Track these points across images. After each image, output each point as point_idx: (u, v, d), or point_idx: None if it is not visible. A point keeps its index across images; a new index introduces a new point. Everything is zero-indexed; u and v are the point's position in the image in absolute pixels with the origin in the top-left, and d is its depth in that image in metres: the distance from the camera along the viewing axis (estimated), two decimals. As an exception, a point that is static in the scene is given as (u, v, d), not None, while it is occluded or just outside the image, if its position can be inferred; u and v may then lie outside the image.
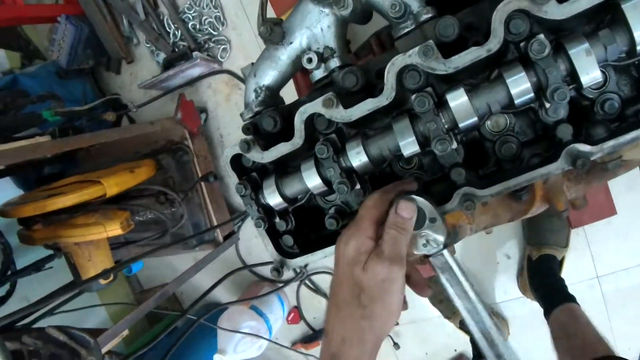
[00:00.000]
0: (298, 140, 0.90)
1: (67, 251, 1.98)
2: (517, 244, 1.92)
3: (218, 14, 2.13)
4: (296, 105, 1.03)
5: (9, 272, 1.98)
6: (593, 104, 0.83)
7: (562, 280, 1.70)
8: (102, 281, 1.94)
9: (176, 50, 2.21)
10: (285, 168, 1.00)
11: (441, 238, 0.79)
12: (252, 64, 1.08)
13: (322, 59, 0.94)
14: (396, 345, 2.26)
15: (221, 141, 2.37)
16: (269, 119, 0.97)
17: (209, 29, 2.16)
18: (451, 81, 0.81)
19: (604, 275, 1.83)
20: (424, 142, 0.80)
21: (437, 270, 0.81)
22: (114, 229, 1.76)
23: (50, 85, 2.26)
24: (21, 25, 2.52)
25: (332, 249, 0.96)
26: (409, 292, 0.83)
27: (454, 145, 0.80)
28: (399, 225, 0.76)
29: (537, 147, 0.85)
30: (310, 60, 0.93)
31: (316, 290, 2.37)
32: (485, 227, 1.08)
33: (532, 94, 0.74)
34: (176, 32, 2.21)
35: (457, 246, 2.01)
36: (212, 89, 2.29)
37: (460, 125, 0.78)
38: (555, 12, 0.71)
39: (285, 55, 0.99)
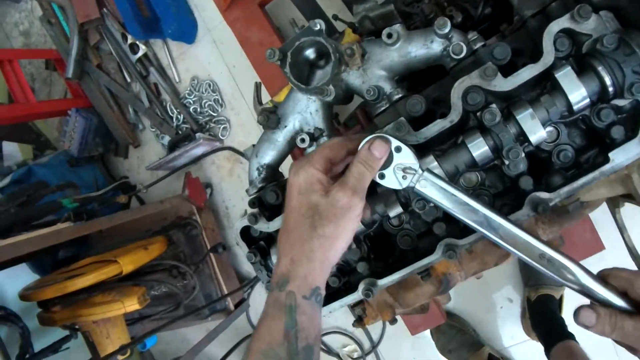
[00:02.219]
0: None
1: (85, 330, 2.05)
2: (517, 286, 2.00)
3: (217, 97, 2.33)
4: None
5: (27, 355, 2.06)
6: (550, 155, 0.96)
7: (561, 319, 1.77)
8: (120, 357, 2.00)
9: (180, 132, 2.39)
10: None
11: (415, 161, 0.81)
12: (253, 145, 1.23)
13: (314, 138, 1.08)
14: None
15: (227, 213, 2.50)
16: (272, 193, 1.10)
17: (209, 111, 2.35)
18: (424, 149, 0.95)
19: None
20: (405, 202, 0.93)
21: (430, 197, 0.81)
22: (132, 305, 1.85)
23: (63, 174, 2.42)
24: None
25: (336, 304, 1.06)
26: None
27: (432, 203, 0.92)
28: (368, 162, 0.78)
29: (506, 197, 0.98)
30: (303, 141, 1.08)
31: (329, 351, 2.41)
32: (474, 273, 1.18)
33: (490, 155, 0.87)
34: (179, 116, 2.40)
35: (461, 297, 2.10)
36: (215, 165, 2.45)
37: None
38: (502, 85, 0.86)
39: (281, 137, 1.14)
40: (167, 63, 2.41)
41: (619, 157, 0.83)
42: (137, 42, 2.35)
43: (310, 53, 1.09)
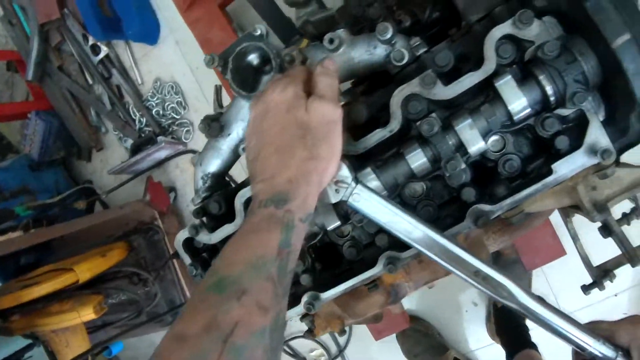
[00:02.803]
0: (239, 220, 0.99)
1: (44, 339, 2.00)
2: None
3: (179, 99, 2.27)
4: (237, 189, 1.13)
5: (-11, 363, 2.00)
6: (497, 164, 0.93)
7: (526, 327, 1.76)
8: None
9: (142, 135, 2.33)
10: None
11: (347, 174, 0.79)
12: (199, 153, 1.19)
13: (256, 146, 1.05)
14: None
15: (192, 217, 2.45)
16: (215, 204, 1.06)
17: (172, 113, 2.30)
18: (365, 158, 0.92)
19: (570, 313, 1.89)
20: (345, 214, 0.90)
21: (362, 210, 0.80)
22: (88, 314, 1.81)
23: (24, 178, 2.35)
24: (-6, 123, 2.65)
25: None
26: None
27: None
28: (329, 73, 0.79)
29: (452, 207, 0.95)
30: (245, 149, 1.04)
31: (295, 355, 2.38)
32: (426, 282, 1.15)
33: (429, 167, 0.84)
34: (141, 119, 2.34)
35: (426, 300, 2.08)
36: (179, 169, 2.40)
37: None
38: (443, 93, 0.83)
39: (225, 145, 1.10)
40: (130, 64, 2.35)
41: (563, 168, 0.80)
42: (99, 43, 2.28)
43: (253, 58, 1.05)
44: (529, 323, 1.85)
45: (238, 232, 0.69)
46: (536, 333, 1.89)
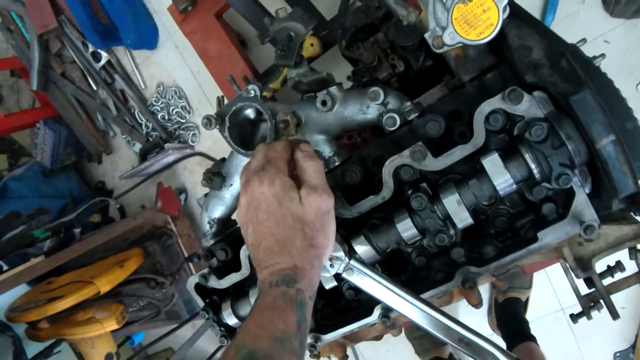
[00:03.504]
0: (245, 270, 1.06)
1: (71, 342, 2.14)
2: (484, 285, 2.05)
3: (183, 103, 2.29)
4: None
5: (21, 363, 2.15)
6: (488, 218, 0.97)
7: (525, 321, 1.84)
8: (108, 363, 2.10)
9: (150, 139, 2.37)
10: (242, 289, 1.15)
11: (340, 252, 0.86)
12: (205, 195, 1.24)
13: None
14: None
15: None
16: (221, 252, 1.13)
17: (177, 117, 2.32)
18: (358, 221, 0.96)
19: (569, 307, 1.96)
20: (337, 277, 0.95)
21: (355, 284, 0.87)
22: (111, 325, 1.93)
23: (38, 186, 2.42)
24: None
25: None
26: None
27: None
28: (311, 156, 0.83)
29: (443, 259, 0.99)
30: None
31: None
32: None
33: (418, 235, 0.89)
34: (148, 124, 2.37)
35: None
36: (188, 171, 2.45)
37: (365, 259, 0.93)
38: (433, 165, 0.86)
39: (229, 194, 1.15)
40: (132, 69, 2.36)
41: (548, 237, 0.83)
42: (99, 50, 2.28)
43: (250, 113, 1.08)
44: (529, 316, 1.93)
45: (256, 309, 0.74)
46: (535, 326, 1.97)
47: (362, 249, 0.92)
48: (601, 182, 0.79)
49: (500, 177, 0.81)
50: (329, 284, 0.96)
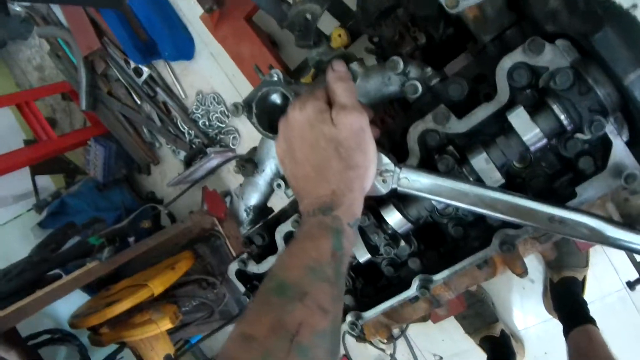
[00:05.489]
0: (280, 251, 1.07)
1: (131, 345, 2.23)
2: (539, 266, 1.98)
3: (222, 108, 2.37)
4: (278, 217, 1.20)
5: (87, 370, 2.27)
6: (524, 181, 0.93)
7: (583, 303, 1.75)
8: (167, 366, 2.17)
9: (193, 146, 2.46)
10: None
11: (387, 161, 0.80)
12: (240, 185, 1.27)
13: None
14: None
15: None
16: (258, 237, 1.15)
17: (217, 122, 2.40)
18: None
19: (631, 286, 1.85)
20: (375, 245, 0.95)
21: (415, 192, 0.81)
22: (166, 324, 2.00)
23: (94, 200, 2.56)
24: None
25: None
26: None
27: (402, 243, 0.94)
28: (341, 76, 0.81)
29: (480, 227, 0.97)
30: (279, 186, 1.10)
31: (359, 337, 2.48)
32: (467, 287, 1.18)
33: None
34: (190, 132, 2.46)
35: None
36: (231, 173, 2.51)
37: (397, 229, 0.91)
38: (457, 127, 0.85)
39: (262, 180, 1.17)
40: (172, 81, 2.46)
41: (587, 192, 0.79)
42: (140, 66, 2.40)
43: (276, 98, 1.09)
44: (589, 297, 1.83)
45: (293, 240, 0.72)
46: (598, 307, 1.87)
47: (392, 218, 0.91)
48: (639, 127, 0.75)
49: (529, 131, 0.79)
50: (364, 257, 0.95)
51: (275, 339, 0.57)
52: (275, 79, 1.04)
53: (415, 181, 0.81)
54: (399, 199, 0.94)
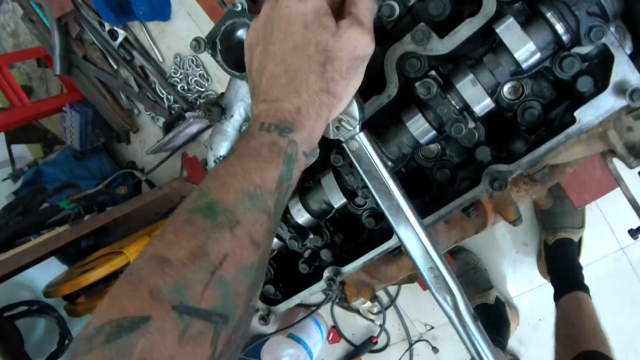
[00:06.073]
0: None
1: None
2: (532, 229, 1.90)
3: (201, 71, 2.25)
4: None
5: (67, 342, 2.21)
6: (516, 114, 0.84)
7: (578, 267, 1.67)
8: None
9: (172, 112, 2.35)
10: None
11: (356, 115, 0.70)
12: (209, 136, 1.18)
13: (258, 125, 1.01)
14: (435, 349, 2.27)
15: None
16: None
17: (197, 87, 2.29)
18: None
19: (628, 246, 1.78)
20: (352, 190, 0.86)
21: (353, 160, 0.73)
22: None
23: (71, 169, 2.46)
24: (35, 119, 2.75)
25: (310, 289, 1.02)
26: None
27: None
28: None
29: (469, 168, 0.88)
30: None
31: (348, 307, 2.42)
32: (456, 242, 1.10)
33: (434, 132, 0.77)
34: (169, 97, 2.35)
35: (475, 238, 2.01)
36: (212, 140, 2.41)
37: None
38: (439, 48, 0.74)
39: (230, 127, 1.07)
40: (149, 44, 2.34)
41: (587, 115, 0.70)
42: (115, 28, 2.28)
43: (242, 34, 0.99)
44: (584, 260, 1.76)
45: (236, 152, 0.60)
46: (594, 269, 1.80)
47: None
48: (643, 35, 0.66)
49: (520, 44, 0.69)
50: (339, 202, 0.87)
51: (194, 268, 0.49)
52: (240, 9, 0.94)
53: (360, 150, 0.72)
54: (378, 136, 0.84)
